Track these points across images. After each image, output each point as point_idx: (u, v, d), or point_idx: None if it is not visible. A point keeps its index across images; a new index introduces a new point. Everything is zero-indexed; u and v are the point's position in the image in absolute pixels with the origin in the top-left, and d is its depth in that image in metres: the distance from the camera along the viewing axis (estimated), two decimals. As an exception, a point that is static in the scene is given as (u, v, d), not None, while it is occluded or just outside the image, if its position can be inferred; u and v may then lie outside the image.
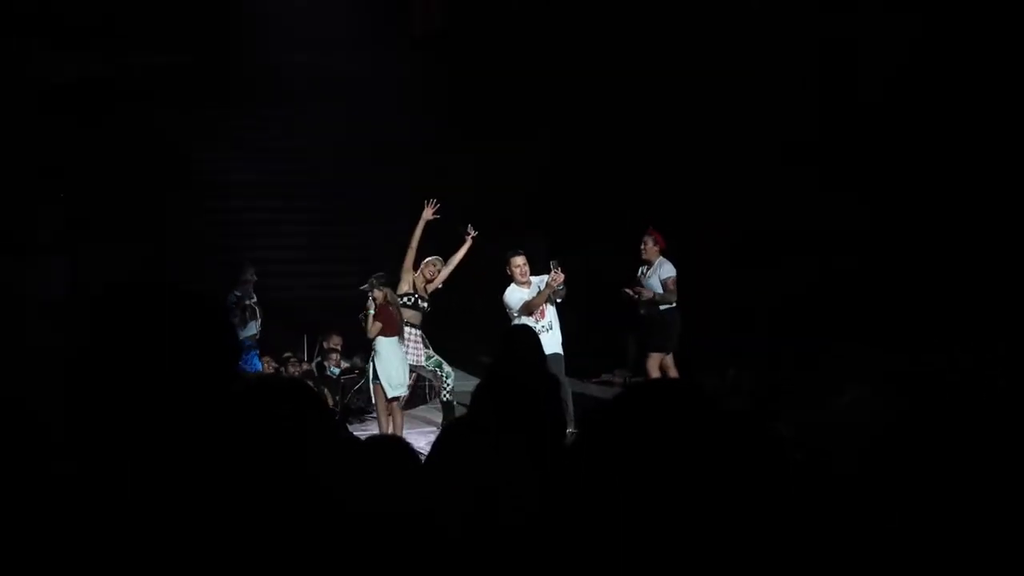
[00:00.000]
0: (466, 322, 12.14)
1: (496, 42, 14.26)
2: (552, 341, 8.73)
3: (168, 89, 16.92)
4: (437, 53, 15.45)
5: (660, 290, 9.54)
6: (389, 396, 8.95)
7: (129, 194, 15.32)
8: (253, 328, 9.50)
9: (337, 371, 11.16)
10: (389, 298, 9.06)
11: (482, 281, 9.84)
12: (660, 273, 9.59)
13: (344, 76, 16.79)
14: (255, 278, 9.32)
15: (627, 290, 9.60)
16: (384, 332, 9.01)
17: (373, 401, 9.18)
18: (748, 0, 11.05)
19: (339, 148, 16.83)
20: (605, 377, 11.78)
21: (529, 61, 13.41)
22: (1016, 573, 1.59)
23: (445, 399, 9.44)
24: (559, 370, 8.43)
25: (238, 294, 9.39)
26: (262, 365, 10.05)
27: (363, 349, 11.24)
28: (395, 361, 8.96)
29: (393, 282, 9.33)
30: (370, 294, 9.09)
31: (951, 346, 8.10)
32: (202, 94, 17.11)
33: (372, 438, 2.84)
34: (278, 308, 13.20)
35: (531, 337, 4.67)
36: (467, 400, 7.53)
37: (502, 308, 9.20)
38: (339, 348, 11.40)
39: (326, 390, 10.29)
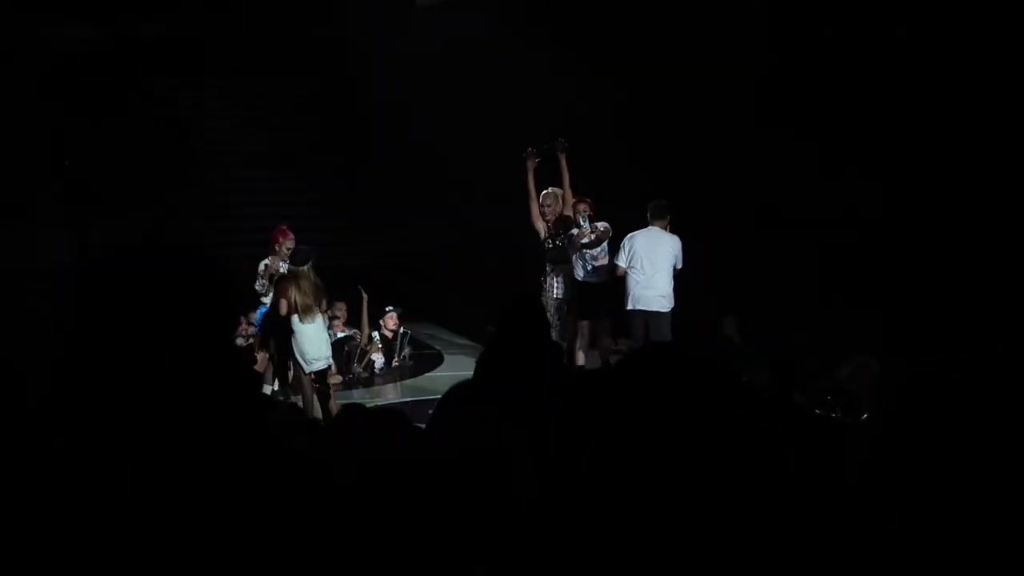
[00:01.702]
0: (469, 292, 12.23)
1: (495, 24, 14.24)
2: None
3: (172, 59, 16.98)
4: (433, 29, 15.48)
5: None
6: (306, 371, 8.74)
7: (132, 164, 15.39)
8: (259, 288, 9.43)
9: (342, 335, 11.24)
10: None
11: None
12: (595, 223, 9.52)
13: (350, 48, 16.83)
14: (290, 247, 9.20)
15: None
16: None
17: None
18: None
19: (343, 117, 16.90)
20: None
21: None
22: (1016, 572, 1.59)
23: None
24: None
25: (267, 262, 9.34)
26: None
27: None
28: (308, 334, 8.75)
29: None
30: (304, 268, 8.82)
31: (951, 346, 8.10)
32: (206, 64, 17.16)
33: (378, 408, 2.86)
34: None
35: (534, 306, 4.65)
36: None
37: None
38: (343, 316, 11.47)
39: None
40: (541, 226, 9.45)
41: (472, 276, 13.21)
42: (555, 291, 9.48)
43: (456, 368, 10.58)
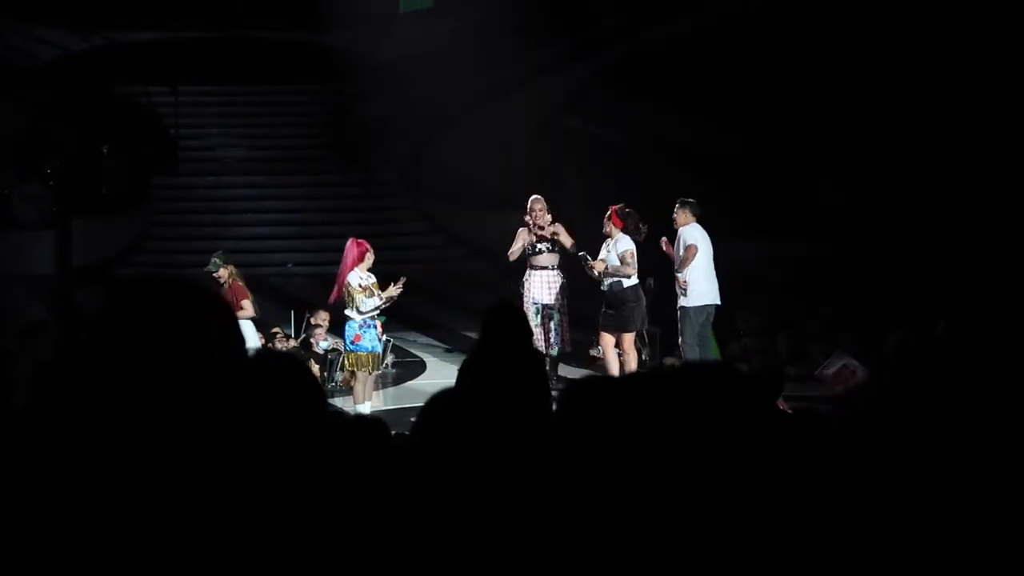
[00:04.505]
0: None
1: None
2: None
3: (157, 65, 16.93)
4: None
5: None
6: None
7: (118, 171, 15.34)
8: (370, 304, 9.28)
9: (325, 345, 11.19)
10: (234, 274, 9.01)
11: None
12: (618, 247, 9.40)
13: (335, 55, 16.84)
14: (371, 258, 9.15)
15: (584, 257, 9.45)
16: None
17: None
18: None
19: (328, 124, 16.90)
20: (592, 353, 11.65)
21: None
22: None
23: (555, 352, 9.46)
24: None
25: (361, 280, 9.23)
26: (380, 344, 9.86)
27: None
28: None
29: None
30: (214, 274, 8.87)
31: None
32: (190, 70, 17.12)
33: (356, 417, 2.84)
34: (266, 284, 13.22)
35: (516, 313, 4.63)
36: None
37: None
38: (325, 324, 11.42)
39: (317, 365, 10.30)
40: (522, 231, 9.48)
41: (456, 283, 13.21)
42: (532, 296, 9.49)
43: (439, 376, 10.56)
